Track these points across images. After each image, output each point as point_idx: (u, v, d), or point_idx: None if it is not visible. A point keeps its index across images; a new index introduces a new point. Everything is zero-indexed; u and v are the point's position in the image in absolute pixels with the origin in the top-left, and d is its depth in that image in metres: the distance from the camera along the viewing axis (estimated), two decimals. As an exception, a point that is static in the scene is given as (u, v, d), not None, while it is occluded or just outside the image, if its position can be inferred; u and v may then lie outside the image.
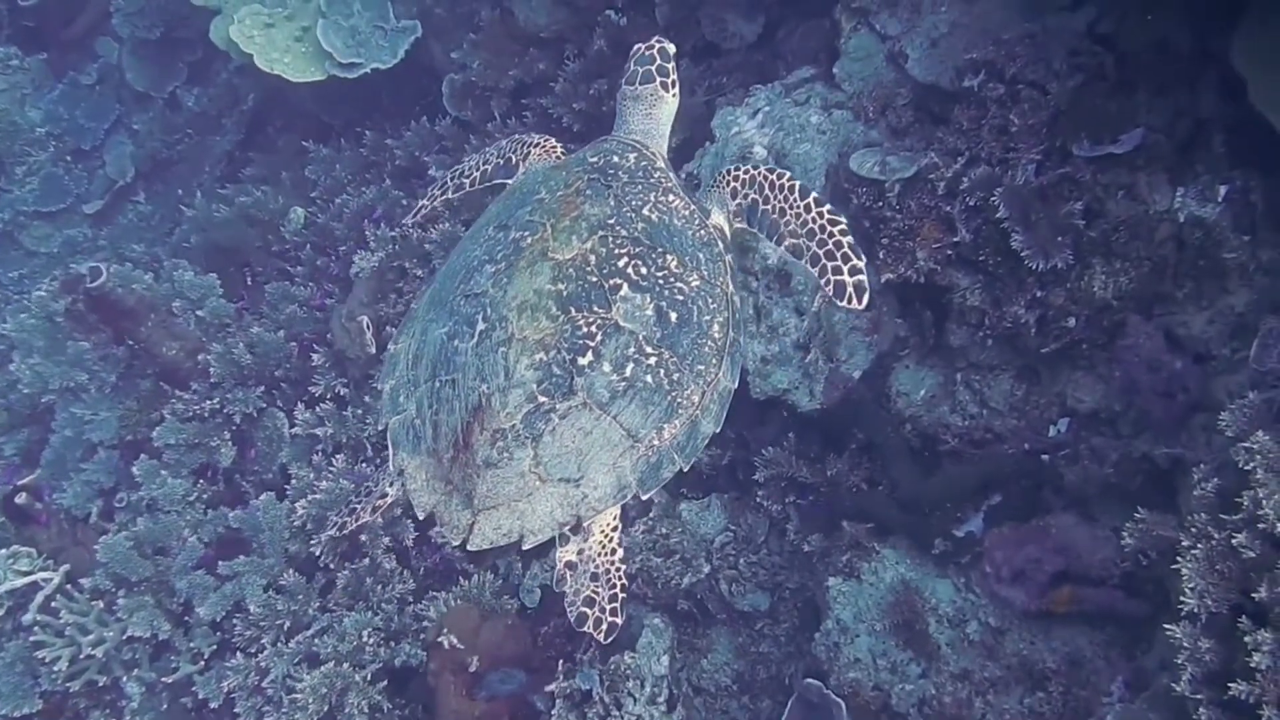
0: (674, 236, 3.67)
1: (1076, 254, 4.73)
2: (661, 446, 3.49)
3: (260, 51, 7.55)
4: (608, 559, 3.63)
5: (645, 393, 3.45)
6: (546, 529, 3.44)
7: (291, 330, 6.87)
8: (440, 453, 3.52)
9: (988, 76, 5.02)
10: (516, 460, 3.38)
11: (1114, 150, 4.74)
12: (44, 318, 7.19)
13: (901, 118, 5.44)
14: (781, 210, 3.86)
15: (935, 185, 4.99)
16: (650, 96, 4.17)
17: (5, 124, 9.95)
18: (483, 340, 3.48)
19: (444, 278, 3.88)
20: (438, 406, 3.54)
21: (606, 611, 3.57)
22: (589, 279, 3.50)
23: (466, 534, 3.43)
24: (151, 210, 9.61)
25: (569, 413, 3.39)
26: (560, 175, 3.87)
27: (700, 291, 3.62)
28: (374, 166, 7.76)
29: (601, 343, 3.42)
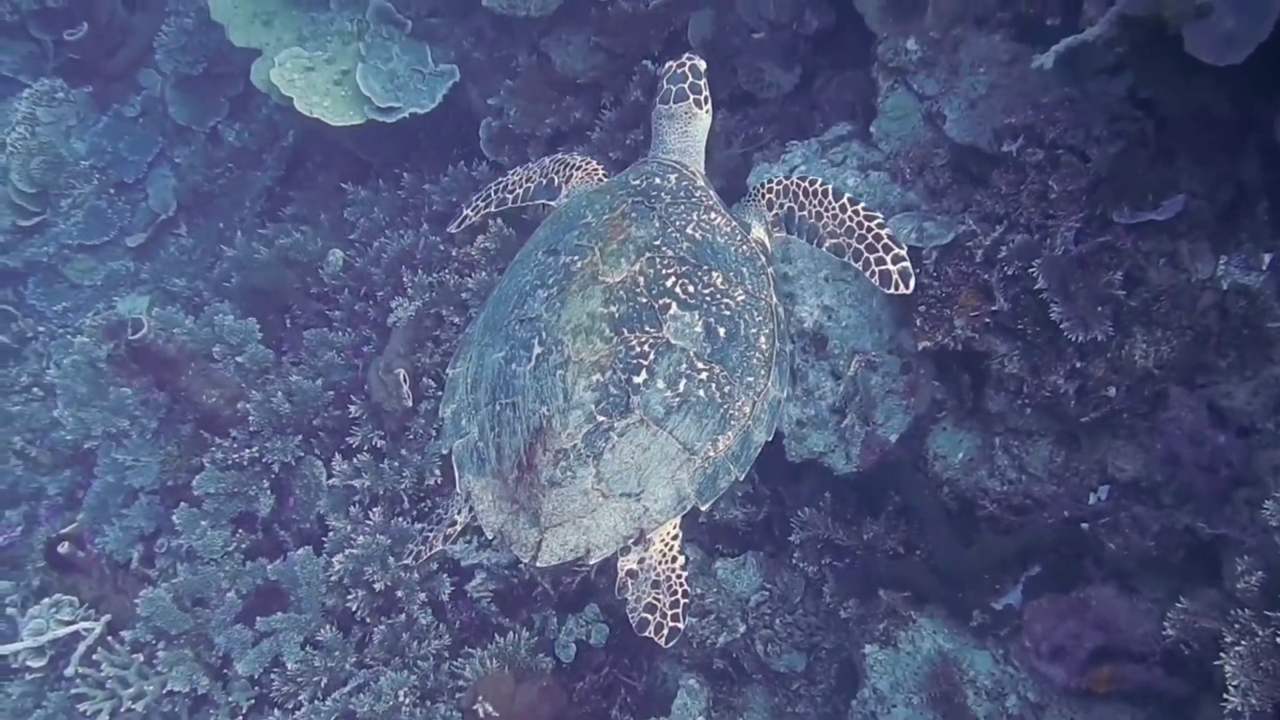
0: (718, 253, 3.78)
1: (1117, 323, 4.67)
2: (717, 458, 3.59)
3: (300, 95, 7.58)
4: (668, 566, 3.68)
5: (699, 407, 3.55)
6: (611, 543, 3.54)
7: (329, 378, 6.90)
8: (505, 474, 3.60)
9: (1027, 141, 4.97)
10: (579, 478, 3.48)
11: (1155, 217, 4.68)
12: (87, 364, 7.26)
13: (939, 179, 5.39)
14: (818, 214, 4.02)
15: (973, 253, 4.95)
16: (685, 115, 4.27)
17: (51, 156, 10.05)
18: (540, 364, 3.58)
19: (496, 303, 3.98)
20: (499, 429, 3.63)
21: (668, 617, 3.62)
22: (639, 300, 3.60)
23: (535, 551, 3.53)
24: (193, 244, 9.69)
25: (627, 430, 3.49)
26: (605, 199, 3.97)
27: (746, 305, 3.73)
28: (412, 209, 7.77)
29: (655, 361, 3.52)
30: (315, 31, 8.08)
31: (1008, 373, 4.98)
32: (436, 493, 6.33)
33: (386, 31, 7.72)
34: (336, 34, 7.93)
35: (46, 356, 9.21)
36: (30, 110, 10.20)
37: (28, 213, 9.99)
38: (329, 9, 8.10)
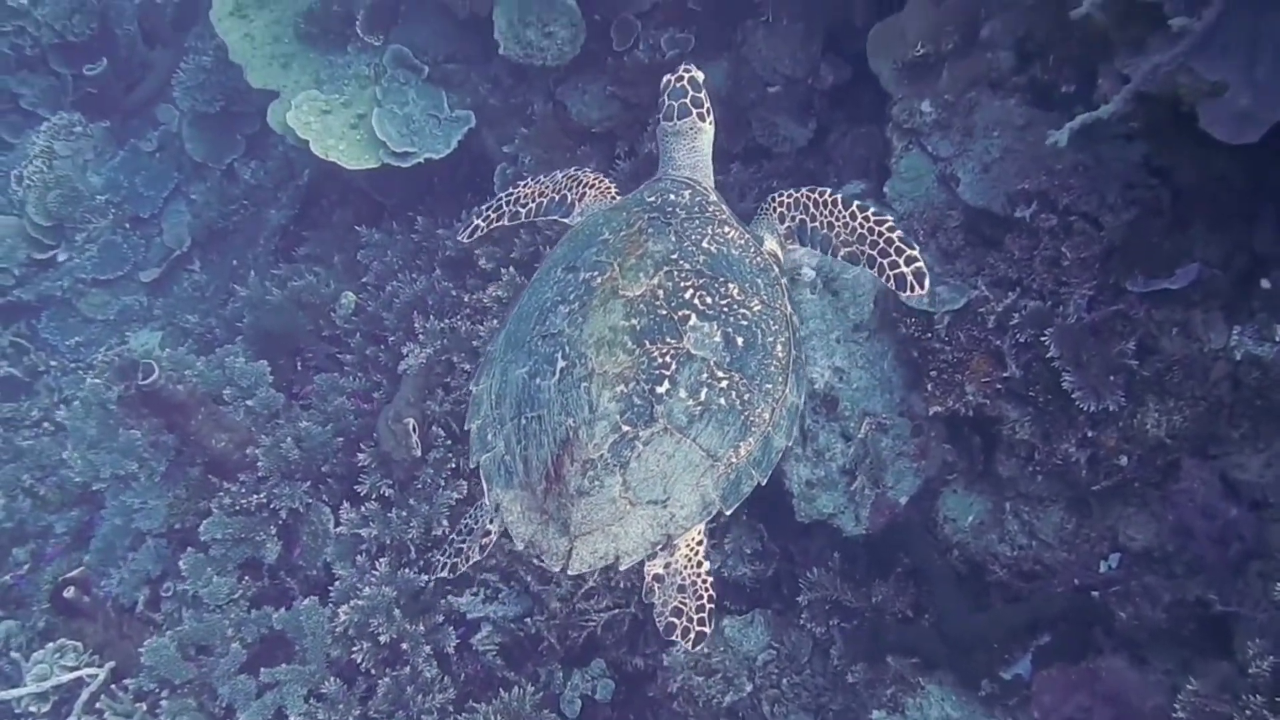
0: (733, 265, 3.90)
1: (1129, 392, 4.66)
2: (739, 464, 3.70)
3: (316, 138, 7.60)
4: (694, 571, 3.78)
5: (720, 414, 3.65)
6: (640, 550, 3.63)
7: (339, 424, 6.89)
8: (533, 485, 3.69)
9: (1040, 207, 4.96)
10: (607, 487, 3.57)
11: (1168, 286, 4.67)
12: (97, 405, 7.26)
13: (952, 240, 5.38)
14: (829, 224, 4.16)
15: (985, 318, 4.93)
16: (691, 130, 4.43)
17: (67, 190, 10.10)
18: (564, 377, 3.67)
19: (517, 320, 4.06)
20: (526, 442, 3.72)
21: (694, 621, 3.72)
22: (659, 312, 3.71)
23: (565, 559, 3.62)
24: (206, 280, 9.71)
25: (652, 439, 3.58)
26: (621, 216, 4.09)
27: (762, 315, 3.84)
28: (425, 253, 7.78)
29: (676, 371, 3.62)
30: (332, 75, 8.10)
31: (1019, 439, 4.96)
32: (444, 542, 6.28)
33: (403, 76, 7.75)
34: (354, 77, 7.96)
35: (58, 391, 9.22)
36: (48, 144, 10.26)
37: (43, 246, 10.04)
38: (346, 53, 8.13)
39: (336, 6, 8.13)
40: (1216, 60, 3.89)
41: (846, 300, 5.33)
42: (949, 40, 5.42)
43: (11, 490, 8.08)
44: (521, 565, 6.04)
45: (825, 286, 5.38)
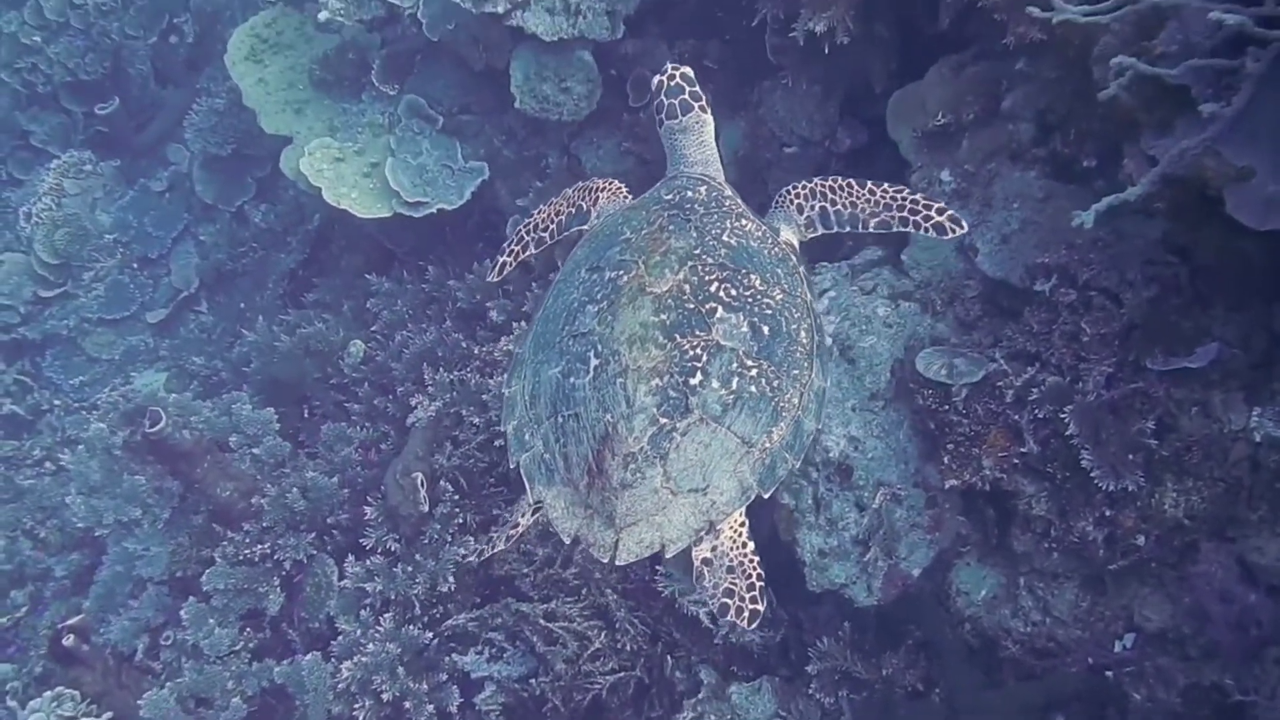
0: (753, 257, 4.02)
1: (1148, 472, 4.61)
2: (773, 448, 3.82)
3: (329, 186, 7.61)
4: (740, 552, 3.90)
5: (752, 402, 3.76)
6: (684, 537, 3.74)
7: (346, 475, 6.85)
8: (575, 481, 3.79)
9: (1060, 281, 4.94)
10: (649, 479, 3.68)
11: (1188, 364, 4.63)
12: (102, 449, 7.22)
13: (970, 310, 5.36)
14: (852, 203, 4.39)
15: (1003, 392, 4.89)
16: (696, 124, 4.52)
17: (75, 229, 10.11)
18: (599, 375, 3.77)
19: (544, 321, 4.15)
20: (564, 439, 3.82)
21: (747, 600, 3.83)
22: (687, 306, 3.82)
23: (613, 551, 3.71)
24: (213, 322, 9.70)
25: (688, 429, 3.70)
26: (640, 215, 4.20)
27: (784, 304, 3.97)
28: (435, 303, 7.75)
29: (708, 363, 3.74)
30: (346, 122, 8.12)
31: (1035, 514, 4.90)
32: (449, 599, 6.24)
33: (417, 126, 7.77)
34: (367, 126, 7.97)
35: (60, 430, 9.18)
36: (58, 181, 10.29)
37: (50, 283, 10.02)
38: (361, 101, 8.16)
39: (352, 54, 8.17)
40: (1244, 146, 3.87)
41: (863, 369, 5.30)
42: (969, 110, 5.42)
43: (11, 532, 8.02)
44: (528, 625, 5.98)
45: (842, 354, 5.35)
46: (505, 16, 6.80)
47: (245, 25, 8.83)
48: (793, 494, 5.33)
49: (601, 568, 6.02)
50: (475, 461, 6.54)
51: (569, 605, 6.02)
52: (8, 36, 11.01)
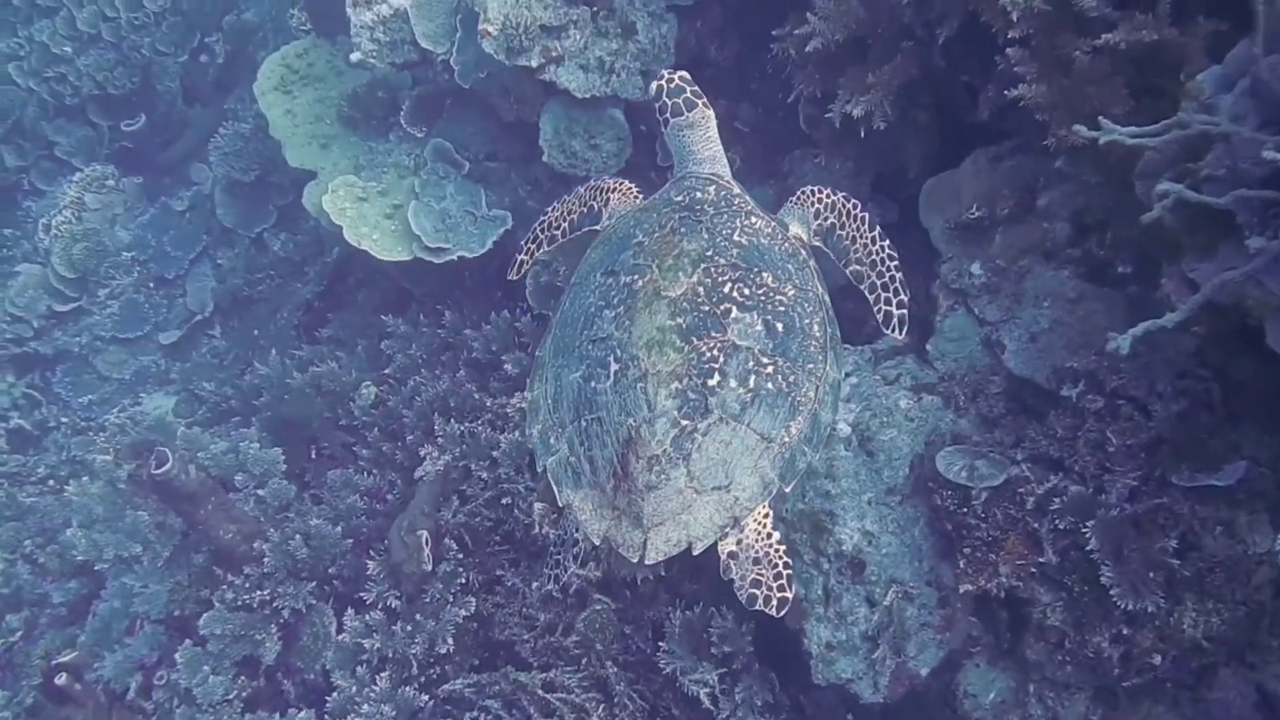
0: (764, 255, 4.15)
1: (1168, 591, 4.51)
2: (792, 442, 3.94)
3: (350, 225, 7.52)
4: (766, 543, 4.02)
5: (769, 398, 3.88)
6: (710, 534, 3.87)
7: (350, 523, 6.76)
8: (602, 484, 3.91)
9: (1087, 387, 4.86)
10: (673, 480, 3.80)
11: (1214, 482, 4.55)
12: (106, 483, 7.14)
13: (993, 407, 5.27)
14: (854, 238, 4.53)
15: (1024, 499, 4.80)
16: (700, 120, 4.60)
17: (94, 244, 10.08)
18: (619, 379, 3.88)
19: (561, 325, 4.27)
20: (589, 443, 3.94)
21: (774, 589, 3.97)
22: (702, 309, 3.94)
23: (642, 550, 3.83)
24: (226, 347, 9.63)
25: (709, 429, 3.81)
26: (652, 217, 4.30)
27: (797, 299, 4.09)
28: (450, 350, 7.66)
29: (725, 363, 3.86)
30: (372, 161, 8.06)
31: (1050, 624, 4.80)
32: (447, 661, 6.15)
33: (443, 170, 7.70)
34: (393, 166, 7.91)
35: (66, 449, 9.10)
36: (79, 195, 10.26)
37: (65, 298, 9.97)
38: (388, 140, 8.10)
39: (382, 93, 8.11)
40: (1288, 278, 3.80)
41: (881, 462, 5.22)
42: (1004, 205, 5.34)
43: (11, 554, 7.95)
44: (525, 694, 5.88)
45: (861, 445, 5.27)
46: (538, 70, 6.76)
47: (276, 55, 8.79)
48: (803, 583, 5.24)
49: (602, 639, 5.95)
50: (482, 519, 6.45)
51: (568, 675, 5.92)
52: (39, 45, 11.03)
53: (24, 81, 10.97)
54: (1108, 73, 4.69)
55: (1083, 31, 4.78)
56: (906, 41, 5.53)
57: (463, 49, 7.18)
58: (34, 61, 11.03)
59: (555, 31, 6.77)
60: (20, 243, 10.61)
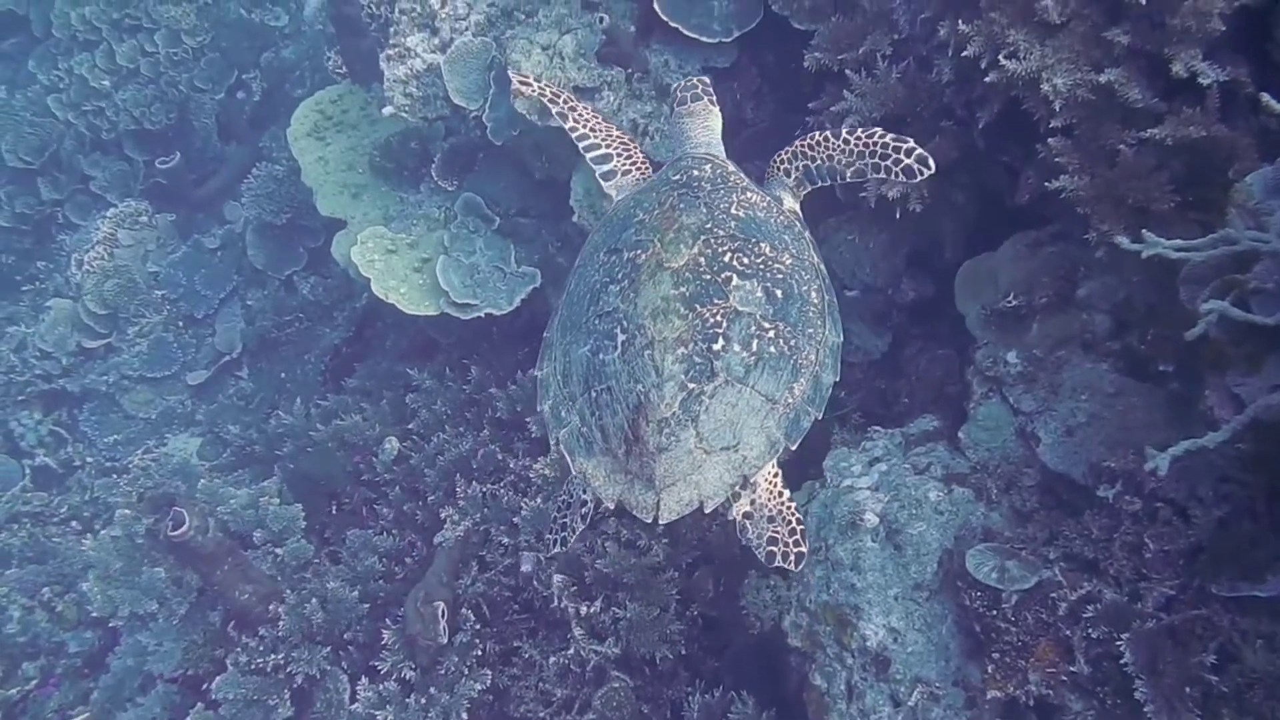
0: (761, 226, 4.30)
1: (1204, 707, 4.32)
2: (795, 403, 4.07)
3: (378, 278, 7.44)
4: (778, 502, 4.21)
5: (772, 361, 4.00)
6: (721, 493, 3.98)
7: (368, 587, 6.66)
8: (614, 450, 4.01)
9: (1125, 488, 4.69)
10: (683, 441, 3.90)
11: (1257, 593, 4.36)
12: (125, 537, 7.07)
13: (1026, 501, 5.10)
14: (829, 156, 4.65)
15: (1056, 604, 4.63)
16: (703, 111, 4.97)
17: (125, 280, 10.07)
18: (627, 349, 4.01)
19: (568, 305, 4.41)
20: (599, 412, 4.05)
21: (790, 544, 4.17)
22: (704, 278, 4.06)
23: (655, 511, 3.92)
24: (253, 389, 9.59)
25: (716, 392, 3.92)
26: (651, 196, 4.47)
27: (794, 268, 4.23)
28: (475, 406, 7.56)
29: (728, 328, 3.97)
30: (402, 212, 8.00)
31: (1081, 734, 4.63)
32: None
33: (473, 225, 7.61)
34: (423, 218, 7.83)
35: (90, 490, 9.06)
36: (112, 231, 10.28)
37: (95, 334, 9.96)
38: (419, 192, 8.04)
39: (414, 144, 8.05)
40: (1340, 400, 3.63)
41: (909, 556, 5.05)
42: (1043, 293, 5.18)
43: (30, 600, 7.90)
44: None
45: (888, 538, 5.10)
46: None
47: (310, 100, 8.77)
48: (825, 677, 5.09)
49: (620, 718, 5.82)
50: (500, 588, 6.35)
51: (584, 755, 5.80)
52: (78, 78, 11.07)
53: (62, 114, 11.05)
54: (1152, 167, 4.55)
55: (1128, 123, 4.65)
56: (946, 121, 5.40)
57: (495, 106, 7.09)
58: (73, 94, 11.10)
59: (589, 93, 6.69)
60: (53, 275, 10.64)
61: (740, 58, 6.83)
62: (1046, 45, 4.72)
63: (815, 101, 5.87)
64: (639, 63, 6.75)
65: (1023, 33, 4.76)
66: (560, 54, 6.68)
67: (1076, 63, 4.67)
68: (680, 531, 6.21)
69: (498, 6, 7.29)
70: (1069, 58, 4.68)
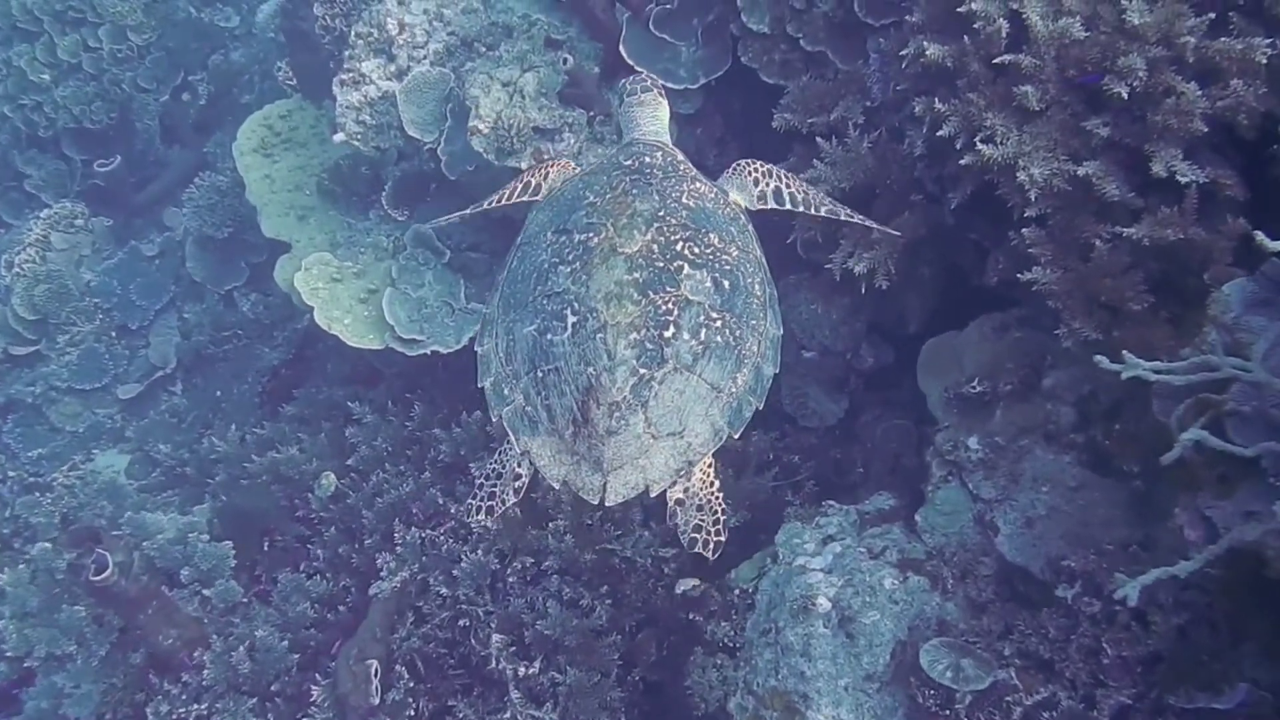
0: (710, 217, 4.37)
1: (1161, 822, 4.25)
2: (738, 392, 4.14)
3: (322, 307, 7.19)
4: (709, 491, 4.20)
5: (719, 351, 4.08)
6: (666, 477, 4.05)
7: (299, 636, 6.42)
8: (560, 431, 4.06)
9: (1084, 589, 4.59)
10: (632, 425, 3.97)
11: (1215, 706, 4.28)
12: (44, 572, 6.77)
13: (982, 591, 5.00)
14: (805, 193, 4.83)
15: (1011, 708, 4.52)
16: (652, 102, 5.01)
17: (57, 286, 9.68)
18: (578, 331, 4.04)
19: (511, 283, 4.42)
20: (546, 392, 4.09)
21: (712, 534, 4.15)
22: (656, 265, 4.12)
23: (602, 493, 3.99)
24: (186, 407, 9.23)
25: (665, 378, 3.99)
26: (601, 179, 4.50)
27: (740, 260, 4.32)
28: (417, 444, 7.32)
29: (679, 316, 4.04)
30: (349, 238, 7.75)
31: (1031, 840, 4.52)
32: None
33: (423, 257, 7.37)
34: (370, 247, 7.59)
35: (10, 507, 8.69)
36: (45, 233, 9.91)
37: (23, 339, 9.58)
38: (368, 219, 7.81)
39: (365, 169, 7.81)
40: (1315, 535, 3.54)
41: (862, 646, 4.92)
42: (1007, 380, 5.07)
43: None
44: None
45: (840, 625, 4.97)
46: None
47: (259, 114, 8.49)
48: (770, 766, 4.95)
49: None
50: (436, 644, 6.13)
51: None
52: (16, 70, 10.65)
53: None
54: (1126, 265, 4.45)
55: (1103, 216, 4.54)
56: (916, 195, 5.28)
57: (451, 139, 6.87)
58: (9, 87, 10.67)
59: (549, 134, 6.50)
60: (-19, 276, 10.21)
61: (705, 104, 6.68)
62: (1024, 131, 4.61)
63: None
64: (601, 105, 6.58)
65: (1000, 117, 4.65)
66: (521, 92, 6.48)
67: (1054, 151, 4.57)
68: (625, 593, 6.04)
69: (458, 36, 7.08)
70: (1046, 145, 4.58)
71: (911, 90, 5.12)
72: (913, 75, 5.08)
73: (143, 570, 6.35)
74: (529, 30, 6.71)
